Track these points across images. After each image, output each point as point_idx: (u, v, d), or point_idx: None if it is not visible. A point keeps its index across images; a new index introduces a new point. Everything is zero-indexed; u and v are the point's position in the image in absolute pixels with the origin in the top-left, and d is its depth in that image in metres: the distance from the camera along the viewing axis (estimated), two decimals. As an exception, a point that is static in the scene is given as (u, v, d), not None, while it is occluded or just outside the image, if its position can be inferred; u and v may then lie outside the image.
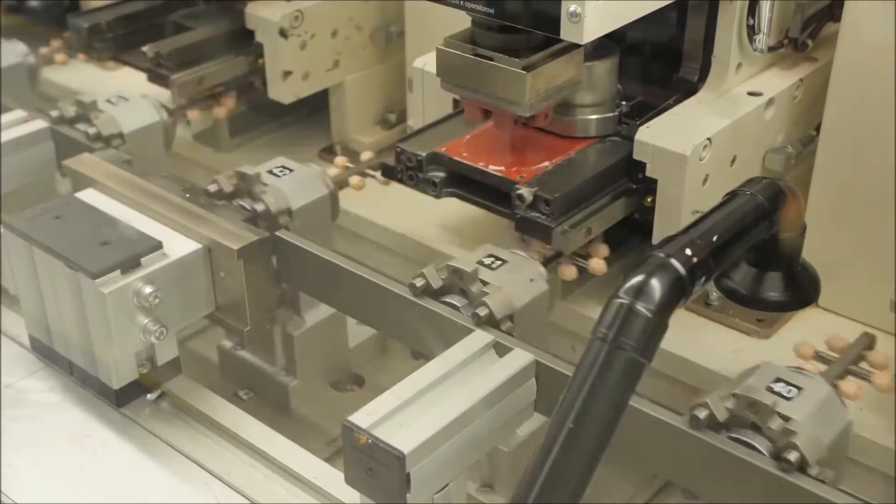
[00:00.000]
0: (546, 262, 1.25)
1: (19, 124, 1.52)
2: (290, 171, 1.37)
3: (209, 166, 1.80)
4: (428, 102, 1.39)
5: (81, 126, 1.52)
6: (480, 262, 1.18)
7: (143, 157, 1.48)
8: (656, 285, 0.89)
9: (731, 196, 1.04)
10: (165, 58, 1.64)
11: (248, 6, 1.66)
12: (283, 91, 1.69)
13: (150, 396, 1.27)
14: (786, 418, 0.95)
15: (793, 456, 0.91)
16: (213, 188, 1.33)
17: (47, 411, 1.25)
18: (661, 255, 0.92)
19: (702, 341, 1.32)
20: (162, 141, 1.60)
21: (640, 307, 0.87)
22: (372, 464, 0.96)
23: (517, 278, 1.17)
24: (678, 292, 0.91)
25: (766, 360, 1.03)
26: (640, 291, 0.88)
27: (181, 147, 1.81)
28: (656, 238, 1.25)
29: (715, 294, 1.34)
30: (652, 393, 1.01)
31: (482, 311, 1.11)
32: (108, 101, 1.56)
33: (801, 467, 0.91)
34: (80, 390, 1.28)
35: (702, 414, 0.95)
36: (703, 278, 0.94)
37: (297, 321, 1.43)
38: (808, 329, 1.34)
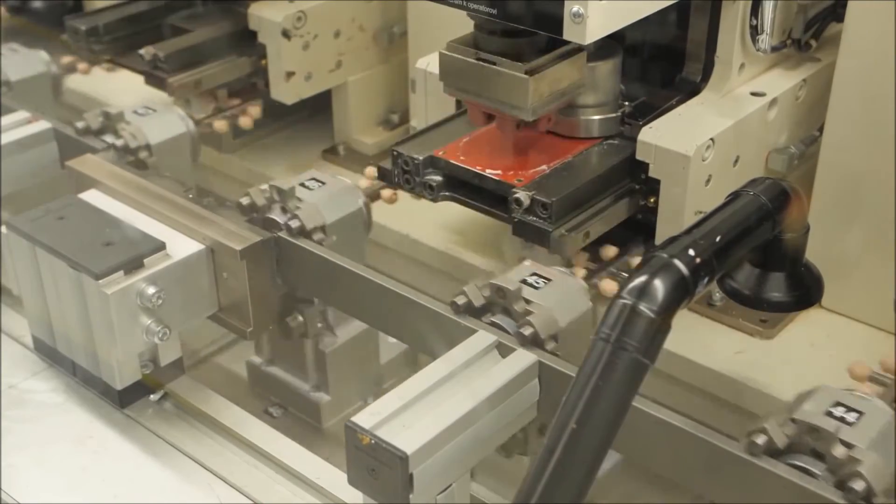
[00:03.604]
0: (587, 277, 1.24)
1: (22, 125, 1.52)
2: (323, 183, 1.36)
3: (212, 167, 1.80)
4: (431, 103, 1.39)
5: (108, 138, 1.49)
6: (524, 281, 1.15)
7: (171, 169, 1.48)
8: (659, 286, 0.89)
9: (734, 196, 1.04)
10: (163, 60, 1.63)
11: (251, 7, 1.66)
12: (285, 92, 1.69)
13: (153, 397, 1.27)
14: (849, 445, 0.91)
15: (859, 485, 0.88)
16: (245, 201, 1.31)
17: (50, 412, 1.25)
18: (664, 255, 0.92)
19: (705, 342, 1.32)
20: (189, 152, 1.58)
21: (643, 308, 0.87)
22: (375, 464, 0.96)
23: (561, 297, 1.15)
24: (681, 293, 0.91)
25: (824, 384, 1.00)
26: (644, 292, 0.88)
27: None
28: (659, 238, 1.25)
29: (718, 294, 1.34)
30: (655, 394, 1.01)
31: (527, 331, 1.09)
32: (135, 111, 1.54)
33: (867, 497, 0.89)
34: (83, 391, 1.28)
35: (760, 440, 0.93)
36: (707, 279, 0.94)
37: (330, 337, 1.41)
38: (812, 330, 1.34)
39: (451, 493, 1.01)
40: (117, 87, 1.90)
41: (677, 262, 0.91)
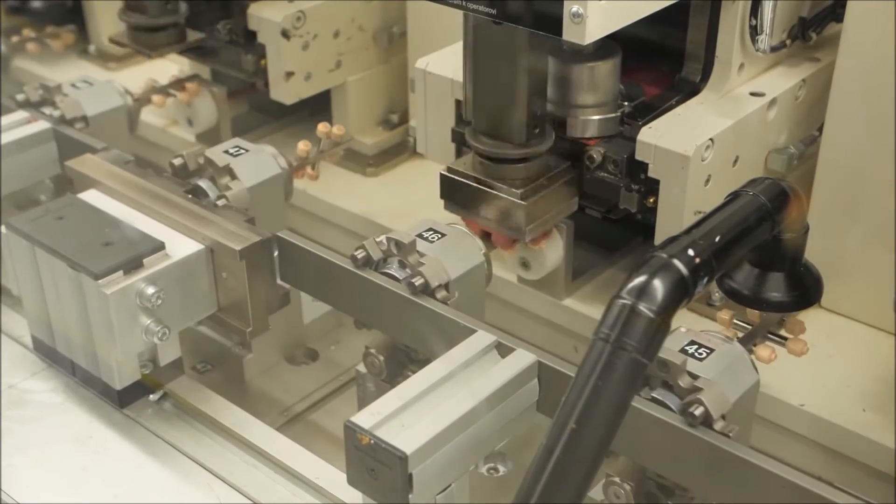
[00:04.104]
0: (741, 341, 1.18)
1: (21, 125, 1.52)
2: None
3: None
4: (430, 103, 1.39)
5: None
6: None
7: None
8: (658, 286, 0.89)
9: (734, 196, 1.04)
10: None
11: (251, 7, 1.66)
12: (285, 92, 1.69)
13: (152, 397, 1.27)
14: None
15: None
16: (359, 254, 1.22)
17: (50, 412, 1.25)
18: (664, 255, 0.92)
19: (704, 342, 1.32)
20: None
21: (642, 308, 0.87)
22: (374, 464, 0.96)
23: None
24: (680, 293, 0.91)
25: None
26: (643, 292, 0.88)
27: (181, 146, 1.81)
28: (658, 238, 1.25)
29: (717, 294, 1.34)
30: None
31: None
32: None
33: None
34: (83, 391, 1.28)
35: None
36: (706, 279, 0.94)
37: None
38: (811, 329, 1.34)
39: (451, 493, 1.01)
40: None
41: (677, 262, 0.91)
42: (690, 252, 0.93)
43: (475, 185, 1.25)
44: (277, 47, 1.64)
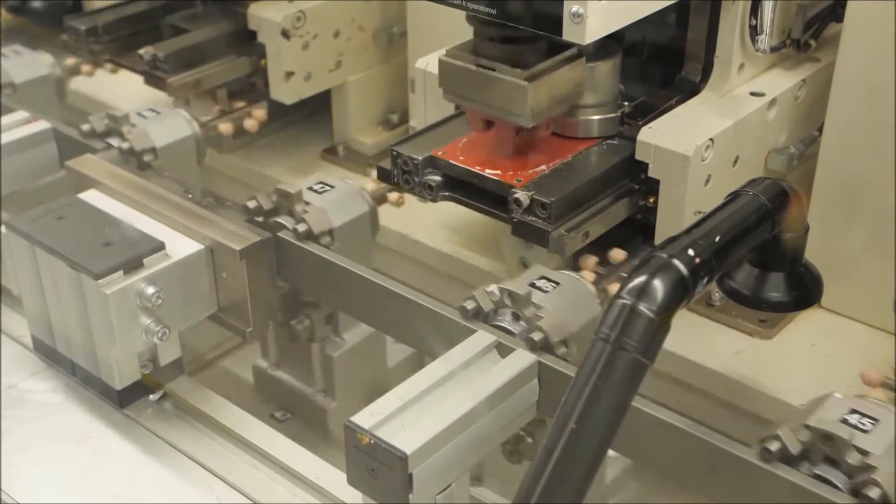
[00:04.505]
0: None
1: (22, 125, 1.52)
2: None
3: (212, 167, 1.80)
4: (430, 103, 1.39)
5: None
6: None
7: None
8: (659, 286, 0.89)
9: (734, 196, 1.04)
10: (163, 60, 1.63)
11: (251, 7, 1.66)
12: (285, 92, 1.69)
13: (152, 397, 1.27)
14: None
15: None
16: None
17: (50, 412, 1.25)
18: (664, 255, 0.92)
19: (704, 342, 1.32)
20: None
21: (642, 308, 0.87)
22: (374, 464, 0.96)
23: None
24: (681, 293, 0.91)
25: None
26: (643, 292, 0.88)
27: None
28: (658, 239, 1.25)
29: (717, 294, 1.34)
30: (655, 394, 1.01)
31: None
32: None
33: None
34: (83, 391, 1.28)
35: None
36: (706, 279, 0.94)
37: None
38: (812, 330, 1.34)
39: (451, 493, 1.01)
40: (121, 89, 1.90)
41: (677, 262, 0.91)
42: (690, 252, 0.93)
43: (475, 67, 1.19)
44: (277, 47, 1.64)
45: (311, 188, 1.34)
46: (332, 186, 1.34)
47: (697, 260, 0.93)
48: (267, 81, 1.69)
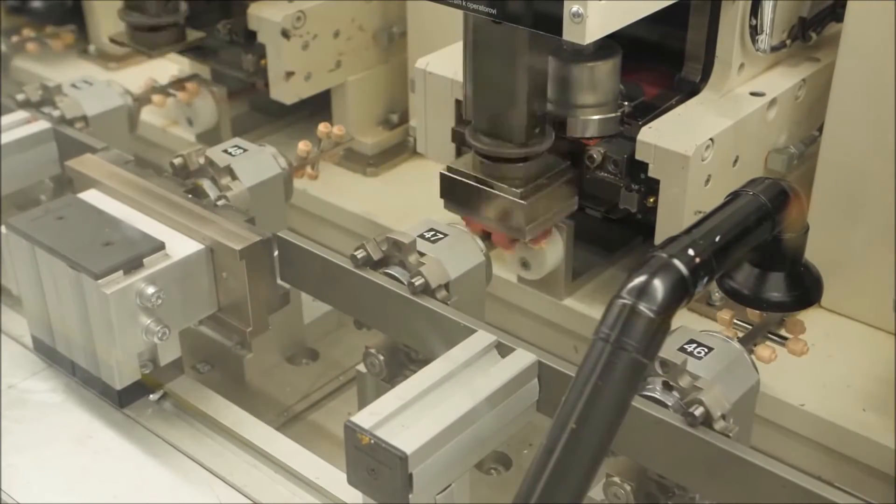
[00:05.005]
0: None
1: (21, 125, 1.52)
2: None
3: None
4: (430, 103, 1.39)
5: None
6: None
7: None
8: (659, 286, 0.89)
9: (734, 196, 1.04)
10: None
11: (251, 6, 1.66)
12: (285, 91, 1.69)
13: (152, 397, 1.27)
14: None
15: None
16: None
17: (50, 412, 1.25)
18: (664, 255, 0.92)
19: (704, 342, 1.32)
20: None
21: (642, 307, 0.87)
22: (374, 464, 0.96)
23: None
24: (681, 292, 0.91)
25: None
26: (643, 292, 0.88)
27: (181, 146, 1.81)
28: (658, 238, 1.25)
29: (717, 294, 1.34)
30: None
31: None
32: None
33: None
34: (83, 391, 1.28)
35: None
36: (706, 278, 0.94)
37: None
38: (811, 329, 1.34)
39: (451, 493, 1.01)
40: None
41: (677, 262, 0.91)
42: (690, 252, 0.93)
43: (475, 184, 1.25)
44: (277, 47, 1.64)
45: (422, 236, 1.26)
46: (444, 234, 1.26)
47: (697, 260, 0.93)
48: (267, 81, 1.69)
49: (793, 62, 1.37)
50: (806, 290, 1.11)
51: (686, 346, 1.05)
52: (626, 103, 1.29)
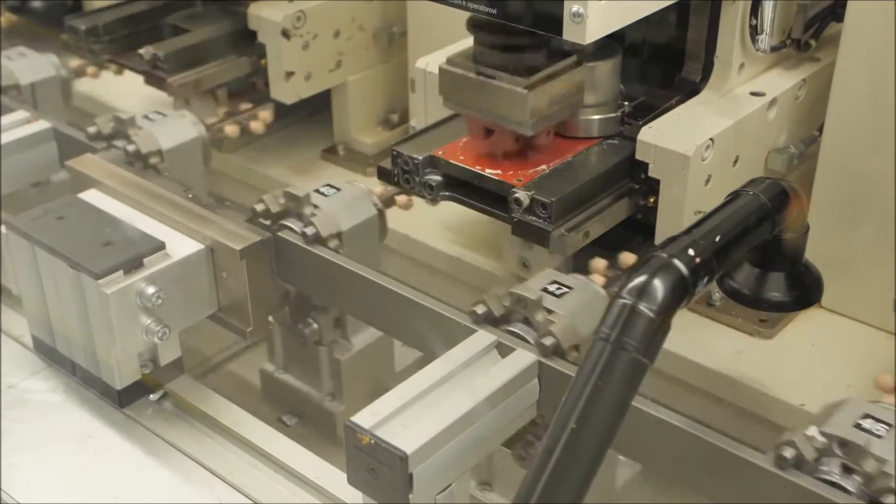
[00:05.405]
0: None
1: (22, 125, 1.52)
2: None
3: (212, 167, 1.80)
4: (430, 103, 1.39)
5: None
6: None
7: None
8: (659, 286, 0.89)
9: (734, 196, 1.04)
10: (163, 60, 1.63)
11: (251, 6, 1.66)
12: (285, 91, 1.69)
13: (152, 397, 1.27)
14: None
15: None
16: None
17: (50, 411, 1.25)
18: (664, 255, 0.92)
19: (704, 342, 1.32)
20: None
21: (642, 307, 0.87)
22: (374, 464, 0.96)
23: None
24: (681, 293, 0.91)
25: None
26: (643, 292, 0.88)
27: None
28: (659, 238, 1.25)
29: (718, 294, 1.34)
30: (655, 394, 1.01)
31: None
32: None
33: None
34: (83, 391, 1.28)
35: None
36: (706, 278, 0.94)
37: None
38: (812, 330, 1.34)
39: (451, 493, 1.01)
40: (126, 90, 1.90)
41: (677, 262, 0.91)
42: (691, 252, 0.93)
43: (476, 76, 1.19)
44: (277, 47, 1.64)
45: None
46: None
47: (697, 260, 0.93)
48: (267, 81, 1.69)
49: (793, 62, 1.37)
50: (806, 290, 1.11)
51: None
52: (626, 103, 1.30)
